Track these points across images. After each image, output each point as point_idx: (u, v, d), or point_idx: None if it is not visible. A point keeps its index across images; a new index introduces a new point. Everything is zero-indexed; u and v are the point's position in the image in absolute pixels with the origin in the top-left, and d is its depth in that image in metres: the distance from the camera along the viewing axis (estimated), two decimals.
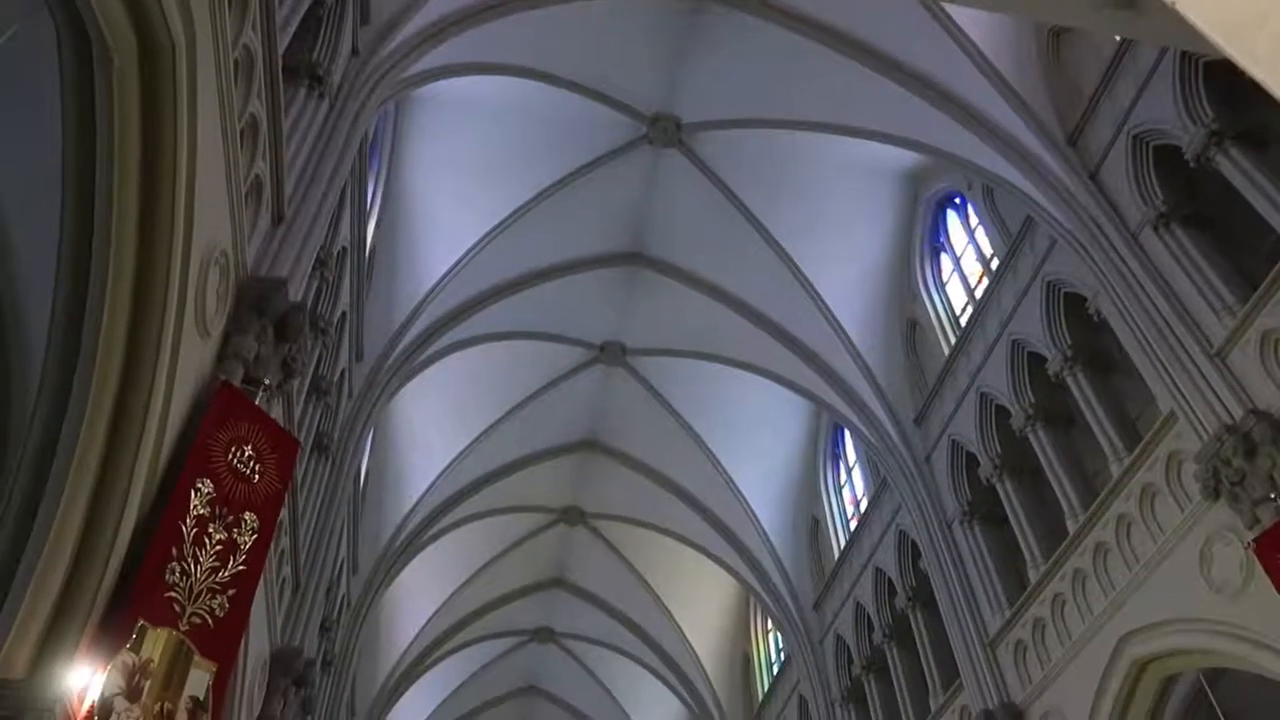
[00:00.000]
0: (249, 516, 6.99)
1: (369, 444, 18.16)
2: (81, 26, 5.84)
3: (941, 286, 17.15)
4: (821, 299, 17.77)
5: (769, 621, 24.33)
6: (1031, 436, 13.48)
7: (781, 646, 22.98)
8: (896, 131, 14.60)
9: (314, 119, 10.27)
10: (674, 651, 26.13)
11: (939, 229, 17.37)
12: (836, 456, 21.58)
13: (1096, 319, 12.13)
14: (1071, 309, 12.80)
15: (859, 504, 19.84)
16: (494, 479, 22.24)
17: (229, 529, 6.78)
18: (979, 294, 15.37)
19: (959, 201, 16.74)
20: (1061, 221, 12.24)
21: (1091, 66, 12.46)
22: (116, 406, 6.20)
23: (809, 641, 20.32)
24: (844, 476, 21.14)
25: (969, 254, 16.32)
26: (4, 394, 6.98)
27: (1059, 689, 12.46)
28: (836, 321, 17.83)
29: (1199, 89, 10.59)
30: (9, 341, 6.93)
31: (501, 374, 20.67)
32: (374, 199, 15.83)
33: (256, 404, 7.76)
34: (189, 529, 6.47)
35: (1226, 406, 9.69)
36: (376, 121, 14.39)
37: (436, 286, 16.98)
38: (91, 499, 5.99)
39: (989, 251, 15.44)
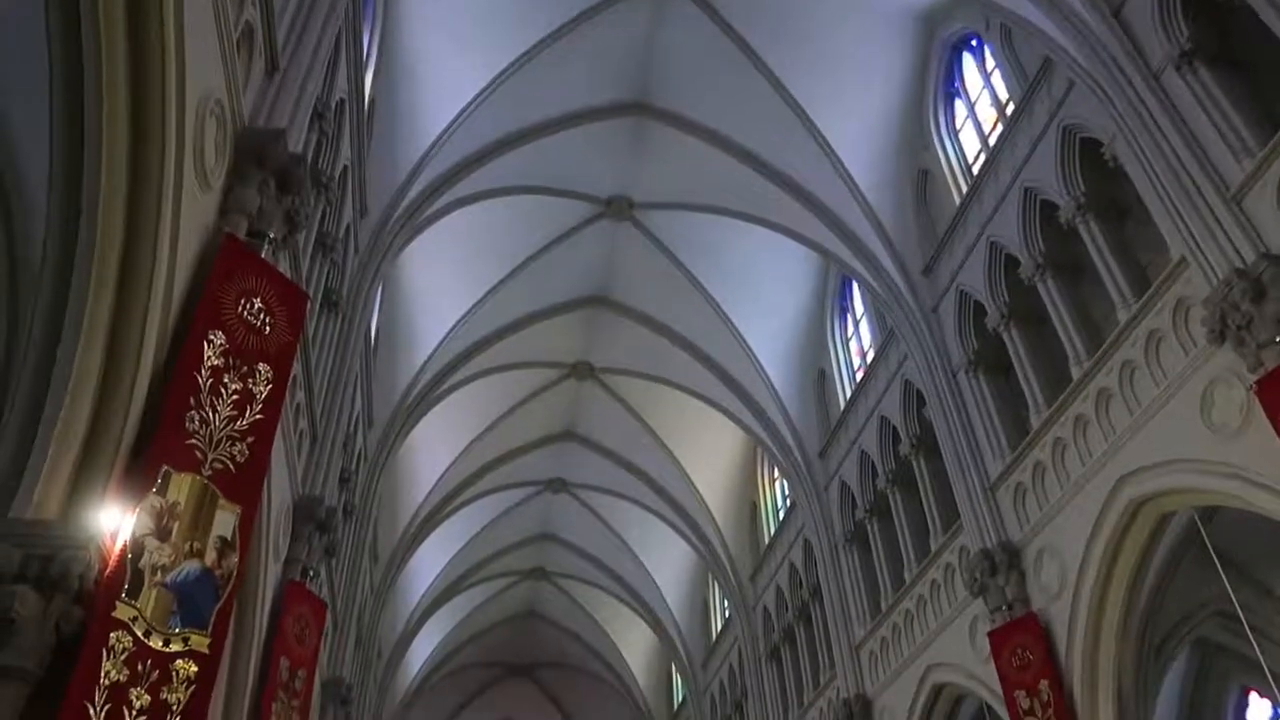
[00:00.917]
0: (263, 367, 7.14)
1: (378, 301, 18.24)
2: None
3: (955, 134, 16.73)
4: (831, 148, 17.34)
5: (775, 470, 24.97)
6: (1040, 285, 13.44)
7: (787, 493, 23.65)
8: None
9: None
10: (683, 499, 26.91)
11: (954, 74, 16.79)
12: (844, 309, 21.62)
13: (1112, 164, 11.86)
14: (1086, 155, 12.51)
15: (865, 356, 20.02)
16: (503, 335, 22.41)
17: (244, 379, 6.94)
18: (993, 141, 15.01)
19: (975, 44, 16.13)
20: (1080, 62, 11.77)
21: None
22: (123, 260, 6.25)
23: (814, 488, 20.91)
24: (851, 329, 21.25)
25: (984, 100, 15.86)
26: (10, 251, 7.02)
27: (1055, 528, 12.88)
28: (846, 172, 17.45)
29: None
30: (11, 207, 6.93)
31: (509, 231, 20.50)
32: (370, 49, 15.33)
33: (262, 257, 7.79)
34: (205, 379, 6.63)
35: (1239, 250, 9.58)
36: None
37: (439, 139, 16.58)
38: (106, 352, 6.12)
39: (1004, 96, 14.99)
